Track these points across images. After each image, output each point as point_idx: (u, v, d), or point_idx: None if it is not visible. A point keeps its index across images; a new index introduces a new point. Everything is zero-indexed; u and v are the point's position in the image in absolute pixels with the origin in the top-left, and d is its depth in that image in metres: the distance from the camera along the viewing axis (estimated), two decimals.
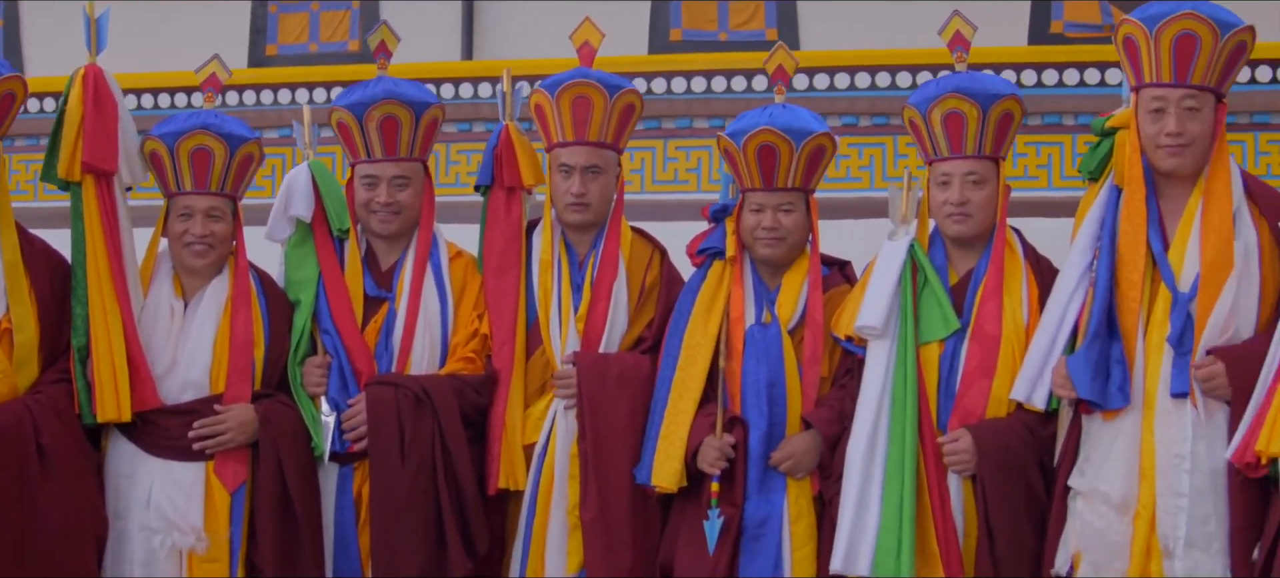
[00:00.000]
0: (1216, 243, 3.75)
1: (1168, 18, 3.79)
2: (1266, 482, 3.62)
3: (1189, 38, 3.77)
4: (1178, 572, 3.69)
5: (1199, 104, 3.81)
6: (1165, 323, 3.77)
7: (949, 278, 4.17)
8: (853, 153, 10.05)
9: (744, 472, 4.15)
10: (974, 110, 4.06)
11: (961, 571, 3.96)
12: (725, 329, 4.25)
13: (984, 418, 4.00)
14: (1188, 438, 3.71)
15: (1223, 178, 3.81)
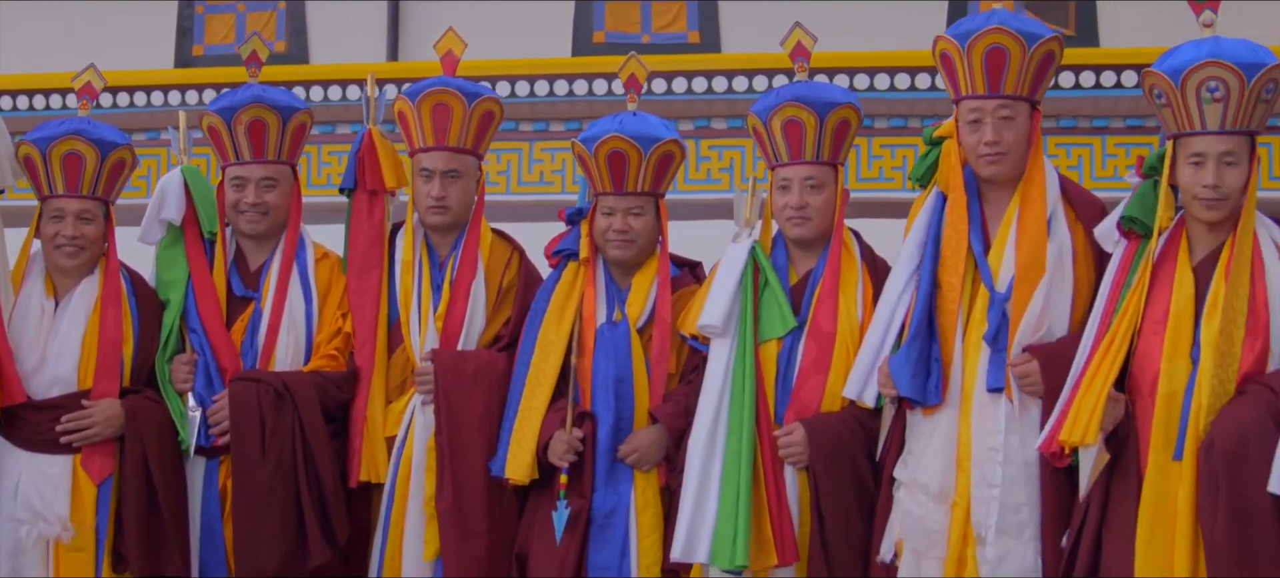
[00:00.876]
0: (1030, 246, 3.90)
1: (978, 33, 3.93)
2: (1075, 473, 3.80)
3: (999, 51, 3.91)
4: (990, 558, 3.83)
5: (1013, 113, 3.95)
6: (984, 322, 3.91)
7: (789, 278, 4.32)
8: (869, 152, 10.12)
9: (592, 464, 4.29)
10: (812, 118, 4.21)
11: (796, 558, 4.11)
12: (577, 328, 4.41)
13: (818, 412, 4.15)
14: (1001, 431, 3.86)
15: (1038, 183, 3.96)
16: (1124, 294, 3.77)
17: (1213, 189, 3.65)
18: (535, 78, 9.69)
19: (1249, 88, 3.61)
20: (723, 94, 9.81)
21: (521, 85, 9.90)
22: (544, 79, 9.81)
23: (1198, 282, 3.70)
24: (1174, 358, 3.65)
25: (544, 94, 9.85)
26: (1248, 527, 3.46)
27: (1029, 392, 3.85)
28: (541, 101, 9.73)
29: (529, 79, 9.73)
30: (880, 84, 9.18)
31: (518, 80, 9.92)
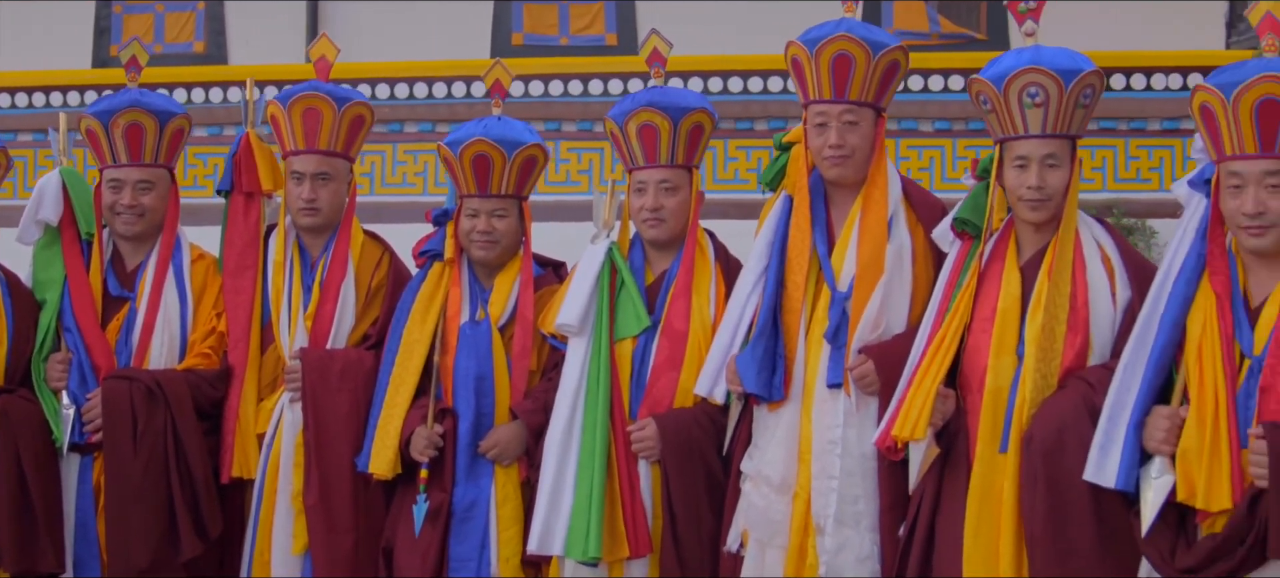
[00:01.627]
0: (870, 247, 4.02)
1: (826, 39, 4.05)
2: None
3: (845, 57, 4.04)
4: (829, 548, 3.96)
5: (857, 118, 4.08)
6: (825, 320, 4.04)
7: (645, 278, 4.43)
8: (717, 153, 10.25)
9: (453, 459, 4.40)
10: (666, 123, 4.32)
11: (649, 550, 4.22)
12: (441, 326, 4.51)
13: (671, 409, 4.27)
14: (840, 425, 3.98)
15: (880, 186, 4.09)
16: (956, 293, 3.91)
17: (1036, 191, 3.78)
18: (453, 79, 9.79)
19: (1067, 93, 3.74)
20: None
21: (439, 87, 10.00)
22: (461, 80, 9.92)
23: (1024, 280, 3.84)
24: (1000, 354, 3.78)
25: (461, 95, 9.95)
26: (1065, 516, 3.59)
27: (866, 391, 3.98)
28: (459, 103, 9.83)
29: (447, 80, 9.84)
30: (733, 87, 9.32)
31: (436, 82, 10.02)
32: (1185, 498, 3.43)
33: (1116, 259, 3.84)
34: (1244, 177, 3.44)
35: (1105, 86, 3.92)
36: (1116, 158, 9.39)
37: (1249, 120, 3.41)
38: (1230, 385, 3.42)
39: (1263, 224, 3.42)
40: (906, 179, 4.22)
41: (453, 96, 9.85)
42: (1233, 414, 3.40)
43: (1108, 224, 3.93)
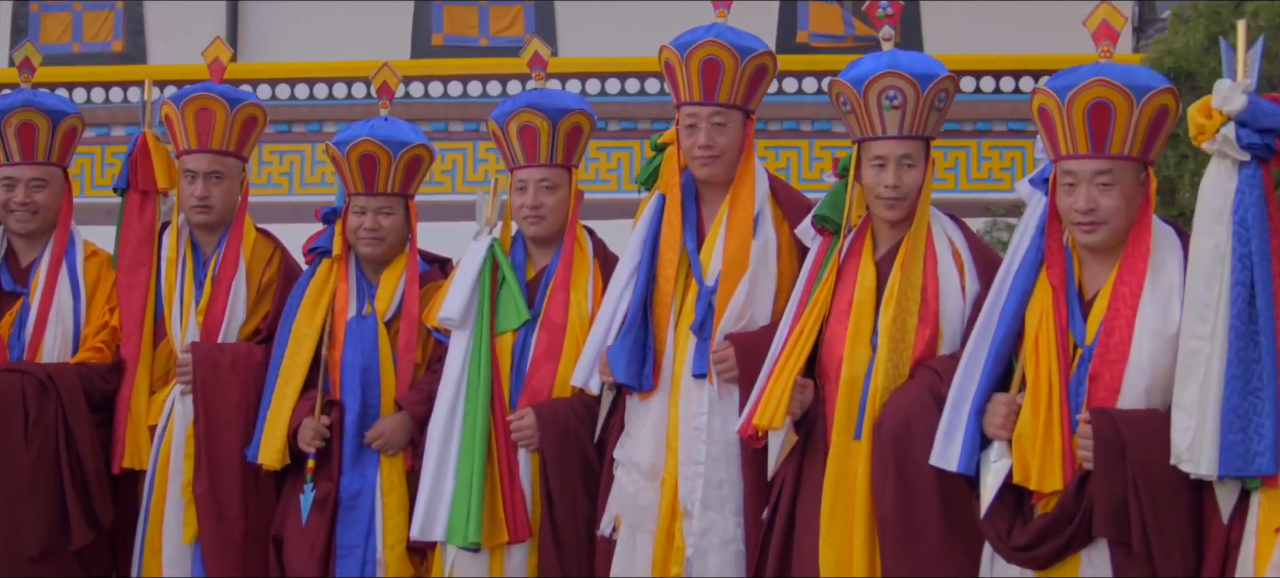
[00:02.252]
0: (736, 243, 4.19)
1: (696, 44, 4.20)
2: None
3: (714, 62, 4.19)
4: (695, 530, 4.12)
5: (726, 120, 4.23)
6: (693, 313, 4.19)
7: (526, 273, 4.58)
8: (602, 155, 10.48)
9: (339, 450, 4.54)
10: (545, 123, 4.48)
11: (527, 534, 4.37)
12: (330, 321, 4.65)
13: (549, 398, 4.43)
14: (704, 412, 4.15)
15: (748, 185, 4.25)
16: (816, 287, 4.08)
17: (892, 189, 3.96)
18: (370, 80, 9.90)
19: (923, 96, 3.92)
20: None
21: (359, 87, 10.11)
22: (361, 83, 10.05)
23: (879, 274, 4.00)
24: (856, 345, 3.95)
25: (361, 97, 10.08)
26: (912, 498, 3.76)
27: (726, 378, 4.14)
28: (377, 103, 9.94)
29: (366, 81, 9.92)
30: (611, 89, 9.47)
31: (355, 82, 10.13)
32: (1021, 480, 3.61)
33: (966, 254, 4.02)
34: (1077, 175, 3.63)
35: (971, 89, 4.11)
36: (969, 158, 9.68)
37: (1082, 122, 3.60)
38: (1063, 374, 3.61)
39: (1094, 221, 3.61)
40: (774, 177, 4.39)
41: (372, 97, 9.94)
42: (1064, 401, 3.59)
43: (959, 220, 4.12)
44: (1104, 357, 3.57)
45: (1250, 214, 3.34)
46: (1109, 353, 3.57)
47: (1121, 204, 3.60)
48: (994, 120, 10.06)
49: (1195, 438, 3.35)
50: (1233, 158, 3.36)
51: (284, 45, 10.65)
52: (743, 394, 4.11)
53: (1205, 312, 3.38)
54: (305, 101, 10.00)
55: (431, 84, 10.21)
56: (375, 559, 4.50)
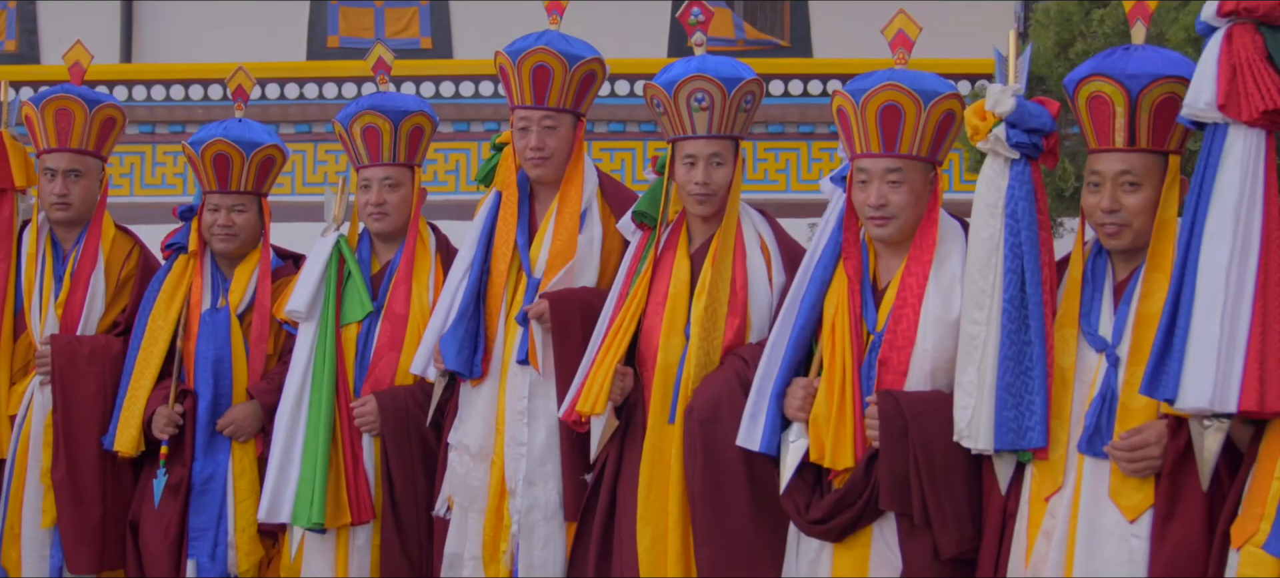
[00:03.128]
0: (563, 237, 4.37)
1: (526, 51, 4.37)
2: None
3: (544, 68, 4.35)
4: (520, 507, 4.30)
5: (556, 123, 4.40)
6: (521, 303, 4.38)
7: (371, 267, 4.74)
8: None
9: (192, 437, 4.69)
10: (387, 124, 4.66)
11: (371, 516, 4.53)
12: (185, 314, 4.81)
13: (392, 386, 4.61)
14: (525, 396, 4.34)
15: (576, 183, 4.43)
16: (635, 279, 4.30)
17: (701, 186, 4.16)
18: (266, 81, 10.01)
19: (730, 98, 4.14)
20: (451, 98, 10.20)
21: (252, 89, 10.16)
22: (275, 82, 10.14)
23: (693, 267, 4.19)
24: (670, 335, 4.14)
25: (275, 97, 10.17)
26: (720, 477, 3.95)
27: (542, 326, 4.30)
28: (273, 105, 10.05)
29: (261, 82, 10.06)
30: (465, 91, 9.66)
31: None
32: (816, 458, 3.81)
33: (774, 248, 4.24)
34: (870, 173, 3.86)
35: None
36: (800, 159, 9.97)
37: (874, 123, 3.83)
38: (856, 359, 3.82)
39: (885, 215, 3.84)
40: (604, 176, 4.57)
41: (266, 98, 10.07)
42: (857, 384, 3.80)
43: (768, 215, 4.35)
44: (892, 342, 3.79)
45: (1020, 207, 3.56)
46: (897, 339, 3.79)
47: (910, 200, 3.83)
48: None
49: (974, 416, 3.57)
50: (1004, 156, 3.60)
51: (178, 47, 10.72)
52: (556, 344, 4.31)
53: (981, 298, 3.60)
54: (199, 103, 10.08)
55: (326, 85, 10.31)
56: (227, 542, 4.65)
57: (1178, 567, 3.27)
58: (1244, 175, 3.13)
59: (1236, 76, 3.13)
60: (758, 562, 3.98)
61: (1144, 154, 3.46)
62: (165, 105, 9.83)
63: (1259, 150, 3.14)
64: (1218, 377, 3.10)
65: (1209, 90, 3.14)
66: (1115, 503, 3.40)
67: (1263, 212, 3.13)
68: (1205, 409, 3.12)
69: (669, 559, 4.07)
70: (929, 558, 3.69)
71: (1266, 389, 3.08)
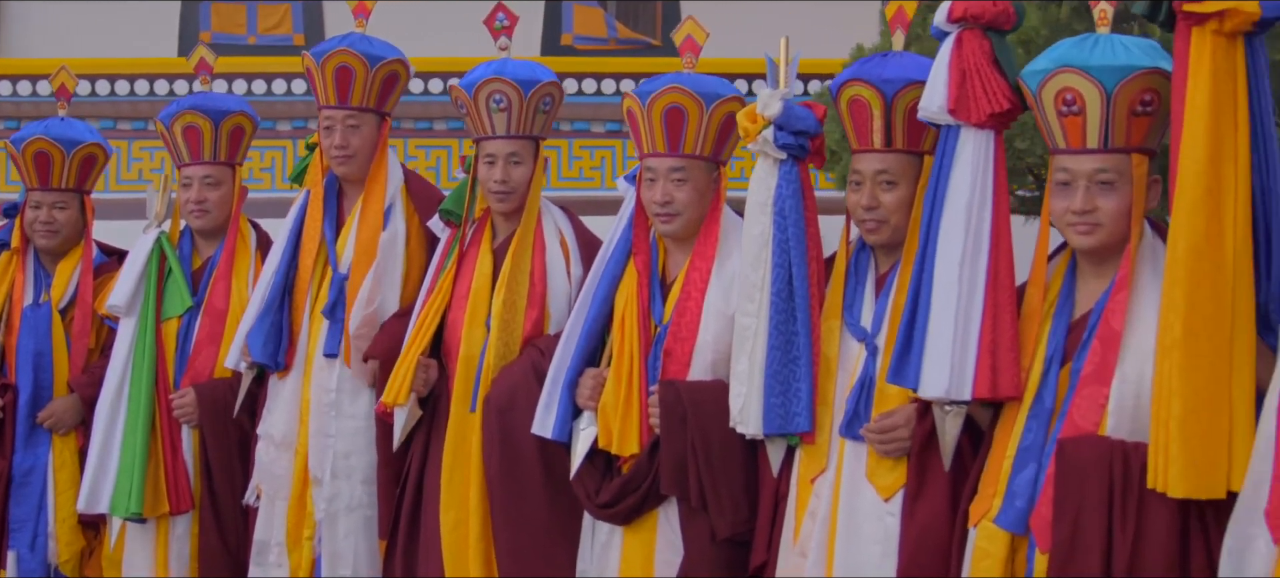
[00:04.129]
0: (367, 233, 4.49)
1: (329, 54, 4.50)
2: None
3: (346, 69, 4.48)
4: (325, 496, 4.44)
5: (360, 122, 4.52)
6: (327, 297, 4.50)
7: (193, 263, 4.84)
8: (421, 154, 10.65)
9: (12, 430, 4.77)
10: (207, 123, 4.71)
11: (190, 506, 4.64)
12: (7, 310, 4.89)
13: (211, 379, 4.72)
14: (333, 389, 4.47)
15: (380, 181, 4.54)
16: (441, 275, 4.46)
17: (501, 184, 4.26)
18: (136, 77, 10.01)
19: (527, 100, 4.29)
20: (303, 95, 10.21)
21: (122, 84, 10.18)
22: (145, 78, 10.14)
23: (495, 262, 4.33)
24: (472, 327, 4.27)
25: (145, 93, 10.16)
26: (517, 464, 4.09)
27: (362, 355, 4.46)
28: (142, 101, 10.03)
29: (129, 78, 10.06)
30: (278, 89, 9.75)
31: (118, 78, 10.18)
32: (604, 445, 3.97)
33: (573, 243, 4.38)
34: (656, 171, 4.01)
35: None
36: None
37: (660, 124, 3.99)
38: (644, 350, 3.97)
39: (670, 212, 4.00)
40: (410, 173, 4.69)
41: (135, 94, 10.06)
42: (643, 373, 3.94)
43: (570, 212, 4.51)
44: (677, 335, 3.94)
45: (787, 205, 3.72)
46: (681, 331, 3.94)
47: (694, 198, 3.99)
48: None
49: (745, 403, 3.72)
50: (773, 157, 3.79)
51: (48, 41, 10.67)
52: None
53: (753, 292, 3.77)
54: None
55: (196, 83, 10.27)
56: (47, 533, 4.74)
57: (925, 542, 3.44)
58: (975, 175, 3.30)
59: (966, 81, 3.29)
60: (553, 543, 4.12)
61: (900, 154, 3.65)
62: (31, 101, 9.81)
63: (988, 151, 3.31)
64: (954, 366, 3.26)
65: (940, 94, 3.31)
66: (872, 483, 3.57)
67: (992, 209, 3.30)
68: (943, 397, 3.31)
69: (470, 541, 4.21)
70: (707, 539, 3.84)
71: (998, 377, 3.26)
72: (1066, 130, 3.19)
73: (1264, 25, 2.92)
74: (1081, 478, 3.07)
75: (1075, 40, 3.26)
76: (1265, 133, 2.99)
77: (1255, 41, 2.96)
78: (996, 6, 3.32)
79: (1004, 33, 3.36)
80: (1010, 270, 3.31)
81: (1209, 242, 2.90)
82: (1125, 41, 3.20)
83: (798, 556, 3.69)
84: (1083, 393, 3.16)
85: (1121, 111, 3.13)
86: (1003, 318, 3.28)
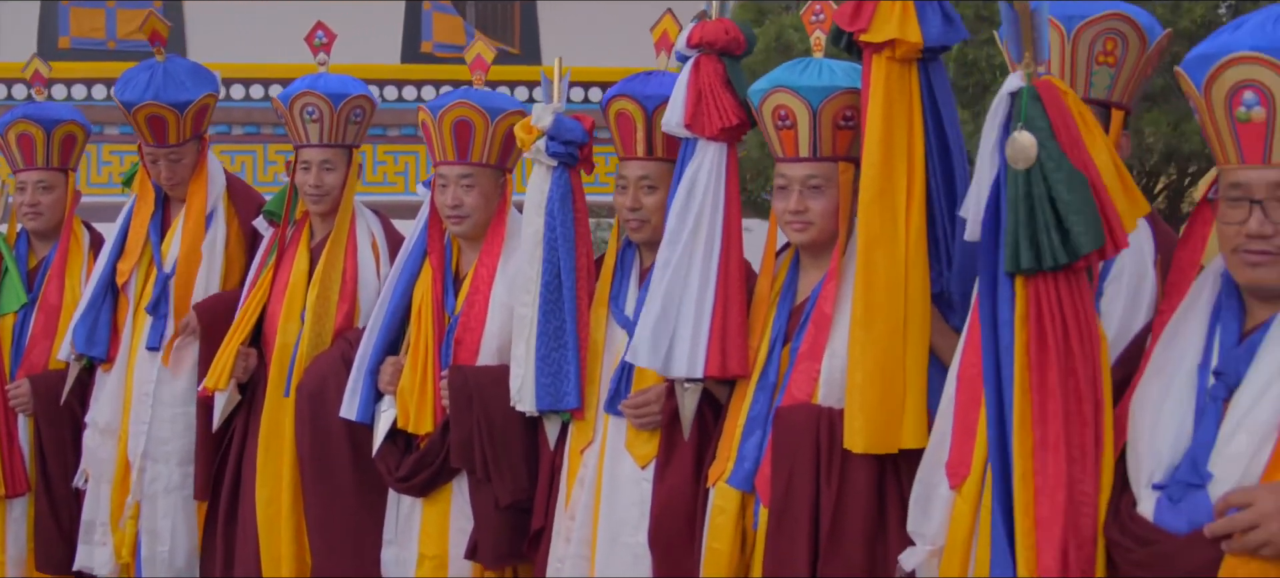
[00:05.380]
0: (191, 235, 4.91)
1: (140, 104, 4.88)
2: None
3: (158, 119, 4.91)
4: (146, 479, 4.87)
5: (180, 155, 4.95)
6: (151, 294, 4.92)
7: (29, 261, 5.21)
8: (226, 157, 11.03)
9: None
10: (40, 132, 5.05)
11: (26, 488, 5.02)
12: None
13: (45, 370, 5.09)
14: (153, 380, 4.88)
15: (202, 184, 4.95)
16: (263, 271, 4.90)
17: (315, 188, 4.69)
18: None
19: (338, 111, 4.70)
20: None
21: None
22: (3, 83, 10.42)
23: (312, 260, 4.76)
24: (288, 319, 4.68)
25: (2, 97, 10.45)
26: (326, 445, 4.53)
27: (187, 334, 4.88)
28: None
29: None
30: (236, 94, 10.11)
31: None
32: (403, 425, 4.42)
33: (383, 244, 4.82)
34: (447, 178, 4.46)
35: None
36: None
37: (450, 135, 4.46)
38: (437, 339, 4.44)
39: (460, 215, 4.44)
40: (233, 179, 5.09)
41: None
42: (437, 360, 4.40)
43: (382, 215, 4.97)
44: (466, 325, 4.39)
45: (556, 208, 4.15)
46: (470, 322, 4.39)
47: (481, 201, 4.43)
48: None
49: (522, 384, 4.18)
50: (545, 164, 4.28)
51: None
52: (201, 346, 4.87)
53: (529, 284, 4.22)
54: None
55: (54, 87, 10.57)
56: None
57: (673, 504, 3.90)
58: (710, 181, 3.77)
59: (701, 100, 3.75)
60: (360, 516, 4.56)
61: (660, 162, 4.04)
62: None
63: (721, 160, 3.76)
64: (691, 348, 3.74)
65: (679, 111, 3.76)
66: (630, 453, 4.02)
67: (724, 211, 3.75)
68: (682, 376, 3.79)
69: (282, 515, 4.64)
70: (492, 506, 4.30)
71: (727, 357, 3.72)
72: (783, 141, 3.67)
73: (933, 52, 3.41)
74: (793, 441, 3.53)
75: (791, 64, 3.74)
76: (944, 145, 3.46)
77: (931, 66, 3.42)
78: (728, 35, 3.77)
79: (737, 57, 3.82)
80: (740, 264, 3.78)
81: (883, 236, 3.35)
82: (832, 65, 3.69)
83: (568, 519, 4.15)
84: (799, 368, 3.62)
85: (826, 125, 3.60)
86: (732, 305, 3.74)
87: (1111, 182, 2.72)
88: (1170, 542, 2.59)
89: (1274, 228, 2.57)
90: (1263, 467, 2.54)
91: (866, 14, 3.33)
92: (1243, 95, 2.58)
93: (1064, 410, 2.69)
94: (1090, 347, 2.71)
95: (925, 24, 3.32)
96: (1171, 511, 2.62)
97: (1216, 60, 2.60)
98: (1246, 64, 2.55)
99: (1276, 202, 2.57)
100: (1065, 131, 2.69)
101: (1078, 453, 2.72)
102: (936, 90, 3.45)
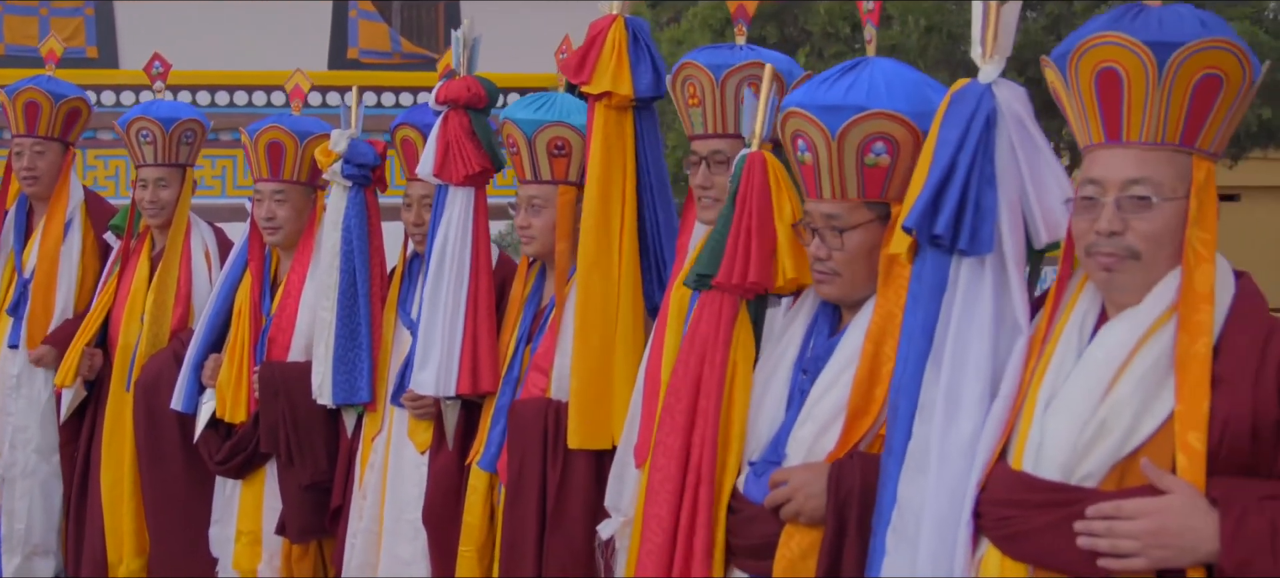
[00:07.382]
0: (50, 244, 5.44)
1: (19, 91, 5.42)
2: None
3: (33, 104, 5.40)
4: (4, 465, 5.46)
5: (45, 149, 5.48)
6: (10, 297, 5.49)
7: None
8: (207, 164, 11.47)
9: None
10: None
11: None
12: None
13: None
14: (15, 374, 5.44)
15: (62, 199, 5.48)
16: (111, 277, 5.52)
17: (152, 204, 5.20)
18: None
19: (169, 134, 5.14)
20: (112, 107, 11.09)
21: None
22: None
23: (152, 268, 5.25)
24: (129, 321, 5.20)
25: None
26: (159, 434, 5.08)
27: None
28: None
29: None
30: (127, 100, 10.62)
31: None
32: (221, 414, 4.95)
33: (215, 252, 5.41)
34: (263, 193, 4.90)
35: None
36: None
37: (264, 155, 4.93)
38: (253, 337, 4.95)
39: (273, 226, 4.90)
40: (90, 193, 5.63)
41: None
42: (252, 357, 4.98)
43: (216, 227, 5.54)
44: (279, 325, 4.92)
45: (352, 223, 4.71)
46: (283, 322, 4.91)
47: (293, 214, 4.93)
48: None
49: (322, 380, 4.74)
50: (342, 184, 4.87)
51: None
52: None
53: (329, 291, 4.73)
54: None
55: None
56: None
57: (440, 483, 4.36)
58: (460, 222, 4.29)
59: (448, 151, 4.26)
60: (190, 497, 5.12)
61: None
62: None
63: (468, 202, 4.28)
64: (445, 370, 4.26)
65: (430, 161, 4.28)
66: (412, 440, 4.56)
67: (472, 247, 4.28)
68: (439, 395, 4.30)
69: (124, 497, 5.19)
70: (297, 487, 4.87)
71: (478, 377, 4.25)
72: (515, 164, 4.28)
73: (644, 102, 3.90)
74: (525, 430, 4.06)
75: (528, 99, 4.28)
76: (653, 183, 3.95)
77: (642, 113, 3.93)
78: (470, 92, 4.28)
79: (482, 111, 4.33)
80: (489, 293, 4.29)
81: (599, 260, 3.86)
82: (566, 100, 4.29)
83: (361, 498, 4.72)
84: (535, 366, 4.20)
85: (542, 152, 4.12)
86: (481, 330, 4.25)
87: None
88: (751, 510, 3.10)
89: (827, 251, 3.13)
90: (826, 450, 3.03)
91: (588, 67, 3.82)
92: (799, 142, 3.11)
93: (692, 405, 3.23)
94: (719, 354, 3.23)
95: (637, 78, 3.82)
96: (756, 484, 3.12)
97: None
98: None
99: (832, 231, 3.13)
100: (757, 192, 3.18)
101: (699, 437, 3.24)
102: (644, 134, 3.92)
